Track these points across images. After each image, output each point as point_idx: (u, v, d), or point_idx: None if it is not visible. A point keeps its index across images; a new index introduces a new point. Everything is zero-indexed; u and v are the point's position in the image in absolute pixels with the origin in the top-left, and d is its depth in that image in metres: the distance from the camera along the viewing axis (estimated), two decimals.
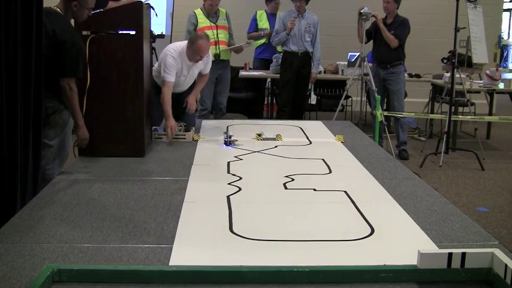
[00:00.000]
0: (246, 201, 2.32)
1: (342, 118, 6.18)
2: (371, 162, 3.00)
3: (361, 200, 2.33)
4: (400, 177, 2.74)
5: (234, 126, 4.01)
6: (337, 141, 3.53)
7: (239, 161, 3.01)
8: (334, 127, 4.01)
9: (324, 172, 2.81)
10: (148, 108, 3.25)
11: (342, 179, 2.69)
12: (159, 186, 2.50)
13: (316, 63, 5.43)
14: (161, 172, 2.75)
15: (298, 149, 3.34)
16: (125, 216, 2.11)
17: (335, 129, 3.89)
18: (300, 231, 1.98)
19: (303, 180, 2.65)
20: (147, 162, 2.95)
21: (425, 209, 2.24)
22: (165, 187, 2.49)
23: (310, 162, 3.02)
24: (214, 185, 2.53)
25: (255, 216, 2.14)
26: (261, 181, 2.64)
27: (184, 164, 2.89)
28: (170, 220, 2.06)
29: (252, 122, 4.28)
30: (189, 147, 3.28)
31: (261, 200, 2.34)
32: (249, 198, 2.37)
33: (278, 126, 4.01)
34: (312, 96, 6.64)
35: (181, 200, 2.30)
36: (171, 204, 2.25)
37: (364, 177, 2.74)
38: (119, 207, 2.21)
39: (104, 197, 2.33)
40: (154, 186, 2.50)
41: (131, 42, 2.91)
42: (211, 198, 2.34)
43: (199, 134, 3.58)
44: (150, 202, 2.28)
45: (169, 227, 1.99)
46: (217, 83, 4.93)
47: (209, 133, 3.71)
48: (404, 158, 5.03)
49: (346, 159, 3.11)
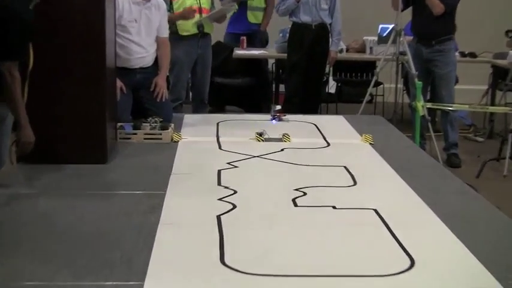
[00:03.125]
0: (242, 223, 2.32)
1: (371, 112, 6.18)
2: (409, 171, 3.00)
3: (397, 222, 2.32)
4: (449, 191, 2.73)
5: (226, 122, 4.00)
6: (364, 143, 3.53)
7: (233, 168, 3.00)
8: (360, 124, 4.01)
9: (346, 184, 2.80)
10: (113, 98, 3.24)
11: (371, 193, 2.69)
12: (126, 203, 2.49)
13: (336, 38, 5.44)
14: (129, 184, 2.75)
15: (312, 153, 3.33)
16: (79, 243, 2.10)
17: (361, 127, 3.89)
18: (314, 264, 1.98)
19: (318, 194, 2.64)
20: (110, 170, 2.95)
21: (483, 234, 2.24)
22: (135, 204, 2.48)
23: (328, 171, 3.02)
24: (199, 202, 2.52)
25: (253, 244, 2.13)
26: (262, 196, 2.63)
27: (160, 173, 2.89)
28: (141, 248, 2.06)
29: (251, 118, 4.28)
30: (166, 151, 3.28)
31: (261, 222, 2.34)
32: (246, 219, 2.36)
33: (285, 123, 4.00)
34: (331, 83, 6.64)
35: (156, 221, 2.30)
36: (142, 227, 2.24)
37: (400, 190, 2.73)
38: (72, 230, 2.20)
39: (52, 218, 2.32)
40: (119, 203, 2.50)
41: (89, 8, 2.92)
42: (195, 219, 2.33)
43: (179, 133, 3.58)
44: (114, 224, 2.27)
45: (139, 257, 1.99)
46: (196, 66, 4.94)
47: (193, 131, 3.70)
48: (455, 165, 5.02)
49: (376, 167, 3.10)
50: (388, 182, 2.86)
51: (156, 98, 3.80)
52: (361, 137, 3.62)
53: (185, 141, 3.49)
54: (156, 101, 3.80)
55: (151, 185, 2.72)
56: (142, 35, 3.76)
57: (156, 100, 3.80)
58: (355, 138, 3.65)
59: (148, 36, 3.81)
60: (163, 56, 3.94)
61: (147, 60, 3.84)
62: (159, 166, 3.01)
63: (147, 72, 3.84)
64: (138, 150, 3.30)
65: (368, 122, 4.15)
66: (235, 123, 4.01)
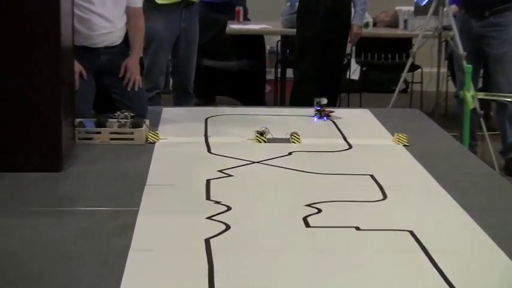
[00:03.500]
0: (238, 248, 2.31)
1: (406, 104, 6.19)
2: (456, 181, 3.00)
3: (439, 248, 2.32)
4: (508, 207, 2.73)
5: (217, 118, 4.01)
6: (396, 144, 3.53)
7: (226, 178, 3.01)
8: (392, 119, 4.02)
9: (373, 198, 2.80)
10: (70, 87, 3.24)
11: (405, 209, 2.69)
12: (87, 223, 2.49)
13: (360, 9, 5.45)
14: (91, 198, 2.75)
15: (328, 159, 3.34)
16: (25, 277, 2.10)
17: (393, 124, 3.90)
18: None
19: (336, 211, 2.65)
20: (66, 180, 2.95)
21: None
22: (98, 224, 2.48)
23: (350, 181, 3.02)
24: (182, 221, 2.52)
25: (252, 276, 2.13)
26: (264, 214, 2.63)
27: (131, 184, 2.89)
28: (107, 282, 2.05)
29: (249, 111, 4.28)
30: (139, 155, 3.28)
31: (263, 248, 2.33)
32: (243, 243, 2.36)
33: (293, 119, 4.00)
34: (353, 67, 6.65)
35: (126, 246, 2.29)
36: (108, 254, 2.24)
37: (443, 207, 2.73)
38: (16, 259, 2.20)
39: None
40: (78, 223, 2.49)
41: None
42: (177, 244, 2.33)
43: (156, 132, 3.59)
44: (71, 250, 2.27)
45: None
46: (178, 44, 4.93)
47: (174, 130, 3.72)
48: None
49: (412, 176, 3.10)
50: (427, 195, 2.86)
51: (126, 86, 3.80)
52: (392, 136, 3.62)
53: (164, 143, 3.49)
54: (127, 90, 3.80)
55: (119, 199, 2.72)
56: (107, 5, 3.77)
57: (126, 89, 3.80)
58: (385, 138, 3.66)
59: (115, 6, 3.82)
60: (136, 31, 3.95)
61: (114, 37, 3.84)
62: (130, 175, 3.01)
63: (115, 52, 3.85)
64: (103, 154, 3.31)
65: (402, 117, 4.15)
66: (228, 119, 4.02)
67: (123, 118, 3.50)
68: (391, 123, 3.90)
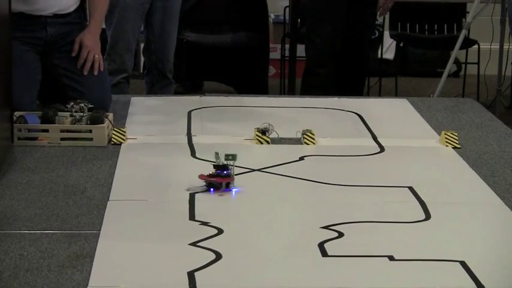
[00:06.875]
0: (230, 284, 2.33)
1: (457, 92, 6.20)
2: None
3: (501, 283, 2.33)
4: None
5: (204, 111, 4.03)
6: (443, 146, 3.56)
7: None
8: (437, 113, 4.04)
9: (412, 218, 2.82)
10: (5, 70, 3.26)
11: (455, 234, 2.70)
12: (29, 251, 2.50)
13: None
14: (35, 217, 2.76)
15: (352, 165, 3.36)
16: None
17: (439, 119, 3.92)
18: None
19: (363, 236, 2.66)
20: (3, 194, 2.96)
21: None
22: (45, 252, 2.49)
23: (382, 194, 3.04)
24: (158, 248, 2.54)
25: None
26: (266, 238, 2.65)
27: (88, 199, 2.91)
28: None
29: (247, 102, 4.32)
30: (100, 160, 3.31)
31: (263, 284, 2.34)
32: (238, 277, 2.37)
33: (306, 112, 4.03)
34: (387, 42, 6.66)
35: (83, 282, 2.30)
36: None
37: (505, 229, 2.75)
38: None
39: None
40: (18, 251, 2.51)
41: None
42: (151, 279, 2.34)
43: (123, 129, 3.60)
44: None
45: None
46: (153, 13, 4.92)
47: (147, 126, 3.75)
48: None
49: (465, 188, 3.12)
50: (484, 214, 2.88)
51: (82, 68, 3.80)
52: (438, 136, 3.65)
53: (132, 144, 3.52)
54: (82, 73, 3.80)
55: (73, 219, 2.73)
56: None
57: (81, 72, 3.80)
58: (429, 137, 3.69)
59: None
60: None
61: (65, 3, 3.84)
62: (87, 187, 3.03)
63: (66, 23, 3.84)
64: (50, 160, 3.32)
65: (452, 109, 4.16)
66: (219, 112, 4.04)
67: (77, 111, 3.51)
68: (436, 118, 3.93)
